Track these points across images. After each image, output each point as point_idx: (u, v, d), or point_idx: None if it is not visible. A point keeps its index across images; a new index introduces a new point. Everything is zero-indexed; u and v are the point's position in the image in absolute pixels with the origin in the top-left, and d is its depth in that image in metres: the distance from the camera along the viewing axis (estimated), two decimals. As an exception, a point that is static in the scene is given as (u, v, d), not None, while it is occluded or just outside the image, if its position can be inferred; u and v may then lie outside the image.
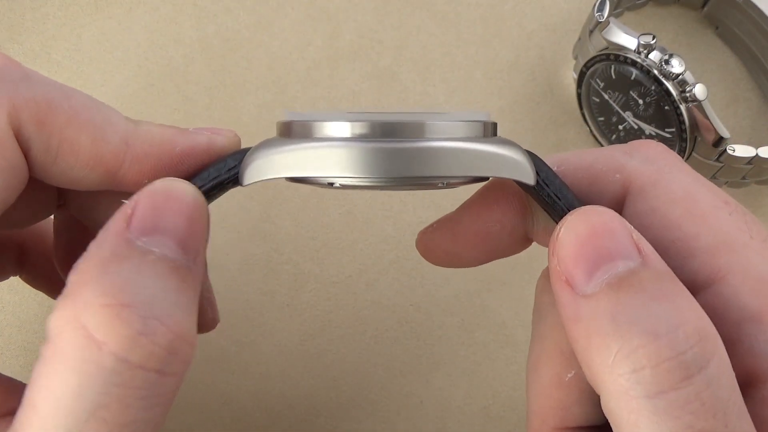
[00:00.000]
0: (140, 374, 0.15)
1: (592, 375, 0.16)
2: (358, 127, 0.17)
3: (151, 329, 0.15)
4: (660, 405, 0.15)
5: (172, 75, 0.37)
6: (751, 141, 0.35)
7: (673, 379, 0.15)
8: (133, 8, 0.38)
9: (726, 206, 0.18)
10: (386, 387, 0.33)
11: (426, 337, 0.34)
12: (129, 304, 0.15)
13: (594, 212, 0.17)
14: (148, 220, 0.17)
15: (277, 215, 0.35)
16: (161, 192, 0.17)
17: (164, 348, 0.15)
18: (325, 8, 0.38)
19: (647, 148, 0.20)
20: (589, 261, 0.16)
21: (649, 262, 0.16)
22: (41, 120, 0.18)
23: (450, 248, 0.22)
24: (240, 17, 0.38)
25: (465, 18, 0.38)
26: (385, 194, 0.35)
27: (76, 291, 0.16)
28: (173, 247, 0.16)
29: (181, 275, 0.16)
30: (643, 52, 0.31)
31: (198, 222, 0.17)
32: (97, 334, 0.15)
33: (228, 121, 0.36)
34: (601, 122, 0.35)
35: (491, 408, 0.33)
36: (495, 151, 0.17)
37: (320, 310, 0.34)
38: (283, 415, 0.33)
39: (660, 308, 0.16)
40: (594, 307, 0.16)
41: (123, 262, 0.16)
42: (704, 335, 0.15)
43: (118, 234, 0.16)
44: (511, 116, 0.37)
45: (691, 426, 0.15)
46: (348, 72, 0.37)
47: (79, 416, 0.15)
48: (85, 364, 0.15)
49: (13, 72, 0.19)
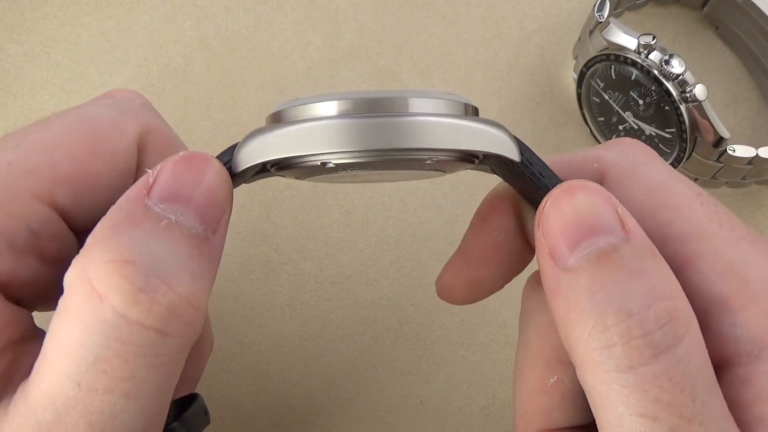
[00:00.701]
0: (138, 330, 0.15)
1: (569, 347, 0.17)
2: (343, 104, 0.17)
3: (151, 286, 0.15)
4: (629, 379, 0.16)
5: (172, 75, 0.37)
6: (751, 141, 0.35)
7: (642, 355, 0.16)
8: (133, 8, 0.38)
9: (698, 197, 0.19)
10: (386, 387, 0.33)
11: (426, 337, 0.34)
12: (132, 261, 0.15)
13: (580, 186, 0.17)
14: (167, 187, 0.17)
15: (277, 215, 0.35)
16: (183, 161, 0.17)
17: (164, 307, 0.16)
18: (325, 8, 0.38)
19: (624, 143, 0.20)
20: (573, 234, 0.17)
21: (632, 237, 0.17)
22: (160, 148, 0.21)
23: (468, 276, 0.22)
24: (240, 17, 0.38)
25: (465, 18, 0.38)
26: (385, 194, 0.35)
27: (86, 249, 0.16)
28: (190, 215, 0.17)
29: (194, 243, 0.17)
30: (643, 52, 0.31)
31: (218, 193, 0.17)
32: (99, 287, 0.15)
33: (228, 121, 0.36)
34: (601, 122, 0.35)
35: (491, 408, 0.33)
36: (481, 127, 0.18)
37: (320, 310, 0.34)
38: (283, 415, 0.33)
39: (635, 287, 0.16)
40: (573, 281, 0.17)
41: (136, 224, 0.16)
42: (674, 315, 0.16)
43: (136, 199, 0.17)
44: (511, 116, 0.37)
45: (657, 399, 0.16)
46: (348, 72, 0.37)
47: (81, 366, 0.15)
48: (87, 316, 0.15)
49: (146, 102, 0.22)
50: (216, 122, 0.36)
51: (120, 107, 0.21)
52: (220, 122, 0.36)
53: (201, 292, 0.16)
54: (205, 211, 0.17)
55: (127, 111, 0.21)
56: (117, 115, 0.21)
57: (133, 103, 0.22)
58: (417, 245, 0.35)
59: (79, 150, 0.19)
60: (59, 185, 0.19)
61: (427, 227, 0.35)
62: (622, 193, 0.19)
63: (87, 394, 0.15)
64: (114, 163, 0.20)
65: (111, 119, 0.20)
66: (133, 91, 0.23)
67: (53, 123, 0.20)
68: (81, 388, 0.15)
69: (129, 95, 0.23)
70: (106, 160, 0.20)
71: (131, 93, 0.23)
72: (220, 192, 0.17)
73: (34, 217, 0.18)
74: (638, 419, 0.16)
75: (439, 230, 0.35)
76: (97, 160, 0.19)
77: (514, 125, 0.36)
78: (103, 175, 0.20)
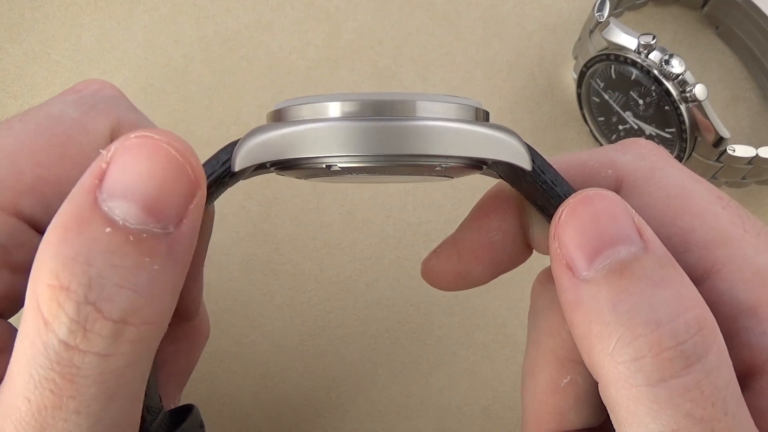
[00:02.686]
0: (78, 355, 0.15)
1: (591, 361, 0.16)
2: (350, 105, 0.16)
3: (82, 317, 0.15)
4: (660, 393, 0.15)
5: (172, 75, 0.37)
6: (751, 141, 0.35)
7: (674, 367, 0.15)
8: (133, 8, 0.38)
9: (719, 201, 0.19)
10: (386, 387, 0.33)
11: (426, 337, 0.34)
12: (66, 287, 0.15)
13: (597, 195, 0.17)
14: (117, 181, 0.15)
15: (277, 215, 0.35)
16: (133, 147, 0.15)
17: (97, 334, 0.15)
18: (325, 8, 0.38)
19: (639, 145, 0.20)
20: (591, 245, 0.16)
21: (650, 247, 0.16)
22: None
23: (456, 268, 0.21)
24: (240, 17, 0.38)
25: (465, 18, 0.38)
26: (385, 194, 0.35)
27: (38, 256, 0.15)
28: (139, 215, 0.15)
29: (144, 248, 0.15)
30: (643, 52, 0.31)
31: (176, 182, 0.15)
32: (43, 311, 0.15)
33: (228, 121, 0.36)
34: (601, 122, 0.35)
35: (491, 408, 0.33)
36: (493, 134, 0.17)
37: (320, 310, 0.34)
38: (283, 415, 0.33)
39: (661, 296, 0.16)
40: (595, 293, 0.16)
41: (82, 228, 0.15)
42: (704, 324, 0.16)
43: (87, 192, 0.15)
44: (511, 116, 0.37)
45: (690, 414, 0.15)
46: (348, 72, 0.37)
47: (29, 384, 0.15)
48: (33, 336, 0.15)
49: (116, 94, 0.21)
50: (216, 122, 0.36)
51: (87, 103, 0.20)
52: (220, 122, 0.36)
53: (147, 305, 0.15)
54: (160, 207, 0.15)
55: (95, 106, 0.20)
56: (84, 113, 0.19)
57: (101, 96, 0.21)
58: (417, 245, 0.35)
59: (45, 156, 0.18)
60: (25, 195, 0.18)
61: (427, 227, 0.35)
62: (641, 199, 0.19)
63: (37, 410, 0.15)
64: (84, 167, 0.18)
65: (77, 118, 0.19)
66: (101, 81, 0.22)
67: (15, 127, 0.19)
68: (31, 404, 0.15)
69: (96, 87, 0.22)
70: (75, 164, 0.19)
71: (99, 84, 0.22)
72: (178, 181, 0.15)
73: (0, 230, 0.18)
74: None
75: (439, 230, 0.35)
76: (64, 165, 0.18)
77: (514, 125, 0.36)
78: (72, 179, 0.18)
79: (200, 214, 0.16)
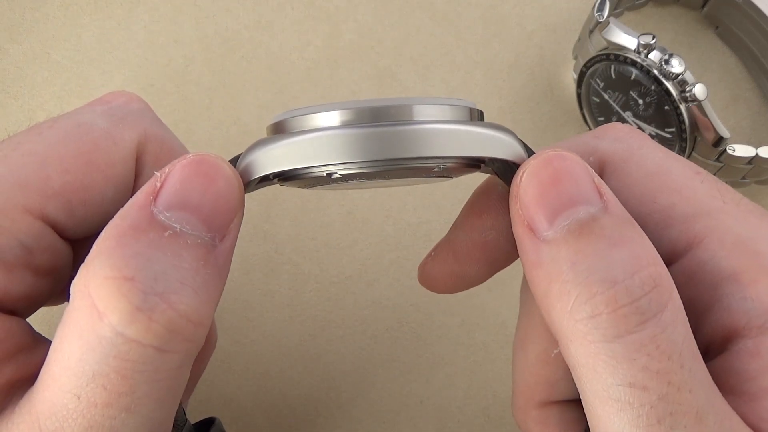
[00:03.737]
0: (137, 348, 0.15)
1: (550, 319, 0.17)
2: (347, 114, 0.17)
3: (150, 305, 0.15)
4: (617, 348, 0.15)
5: (172, 75, 0.37)
6: (751, 141, 0.35)
7: (629, 323, 0.15)
8: (133, 8, 0.38)
9: (697, 176, 0.19)
10: (386, 387, 0.33)
11: (426, 337, 0.34)
12: (131, 278, 0.15)
13: (556, 156, 0.17)
14: (174, 193, 0.16)
15: (277, 215, 0.35)
16: (191, 165, 0.17)
17: (163, 325, 0.15)
18: (325, 8, 0.38)
19: (615, 129, 0.20)
20: (551, 206, 0.17)
21: (609, 207, 0.17)
22: (159, 156, 0.20)
23: (453, 270, 0.22)
24: (240, 17, 0.38)
25: (465, 18, 0.38)
26: (385, 194, 0.35)
27: (90, 260, 0.16)
28: (196, 223, 0.16)
29: (200, 254, 0.16)
30: (643, 52, 0.31)
31: (227, 200, 0.17)
32: (99, 304, 0.15)
33: (228, 122, 0.36)
34: (601, 122, 0.35)
35: (491, 408, 0.33)
36: (489, 132, 0.17)
37: (320, 310, 0.34)
38: (283, 415, 0.33)
39: (618, 255, 0.16)
40: (555, 253, 0.16)
41: (140, 235, 0.16)
42: (659, 281, 0.16)
43: (142, 207, 0.16)
44: (511, 116, 0.37)
45: (646, 367, 0.15)
46: (348, 72, 0.37)
47: (80, 380, 0.15)
48: (86, 331, 0.15)
49: (144, 107, 0.22)
50: (216, 122, 0.36)
51: (116, 114, 0.21)
52: (220, 122, 0.36)
53: (204, 306, 0.16)
54: (212, 218, 0.17)
55: (124, 118, 0.21)
56: (112, 124, 0.20)
57: (129, 108, 0.22)
58: (417, 245, 0.35)
59: (73, 163, 0.19)
60: (51, 199, 0.18)
61: (427, 227, 0.35)
62: (621, 179, 0.19)
63: (87, 407, 0.15)
64: (109, 176, 0.19)
65: (106, 129, 0.20)
66: (129, 94, 0.23)
67: (45, 133, 0.19)
68: (81, 401, 0.15)
69: (125, 99, 0.22)
70: (101, 173, 0.19)
71: (127, 97, 0.22)
72: (229, 198, 0.17)
73: (25, 232, 0.18)
74: (627, 389, 0.15)
75: (439, 230, 0.35)
76: (91, 173, 0.19)
77: (514, 125, 0.36)
78: (98, 187, 0.19)
79: (238, 232, 0.17)
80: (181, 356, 0.16)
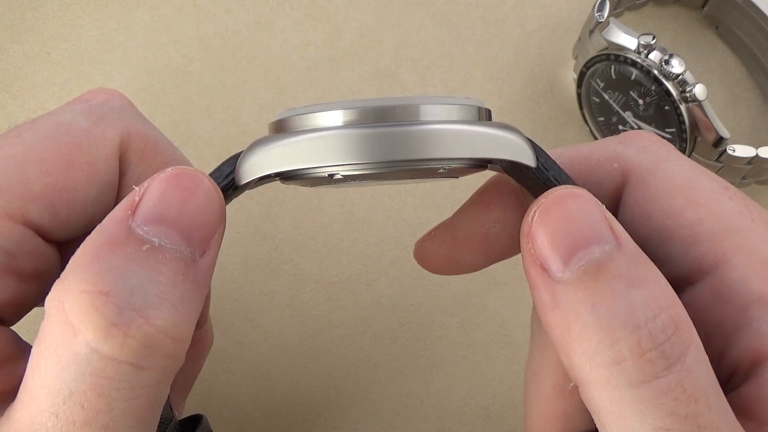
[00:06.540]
0: (112, 365, 0.15)
1: (570, 363, 0.16)
2: (351, 113, 0.16)
3: (125, 320, 0.15)
4: (643, 394, 0.15)
5: (172, 75, 0.37)
6: (751, 141, 0.35)
7: (655, 368, 0.15)
8: (133, 8, 0.38)
9: (726, 191, 0.18)
10: (386, 387, 0.33)
11: (426, 337, 0.34)
12: (106, 292, 0.15)
13: (569, 195, 0.17)
14: (152, 207, 0.16)
15: (277, 215, 0.35)
16: (170, 179, 0.16)
17: (139, 341, 0.15)
18: (325, 8, 0.38)
19: (641, 138, 0.20)
20: (566, 246, 0.16)
21: (623, 244, 0.16)
22: (144, 153, 0.20)
23: (450, 254, 0.21)
24: (240, 17, 0.38)
25: (465, 18, 0.38)
26: (385, 194, 0.35)
27: (65, 274, 0.15)
28: (175, 237, 0.16)
29: (179, 268, 0.16)
30: (643, 52, 0.31)
31: (206, 214, 0.16)
32: (73, 320, 0.15)
33: (228, 122, 0.36)
34: (601, 122, 0.35)
35: (491, 408, 0.33)
36: (496, 133, 0.17)
37: (320, 310, 0.34)
38: (283, 415, 0.33)
39: (637, 296, 0.16)
40: (572, 295, 0.16)
41: (117, 249, 0.15)
42: (680, 323, 0.16)
43: (119, 221, 0.16)
44: (511, 116, 0.37)
45: (674, 412, 0.15)
46: (348, 72, 0.37)
47: (57, 398, 0.15)
48: (61, 348, 0.15)
49: (125, 104, 0.21)
50: (216, 122, 0.36)
51: (96, 113, 0.20)
52: (220, 122, 0.36)
53: (183, 322, 0.16)
54: (191, 232, 0.16)
55: (104, 116, 0.20)
56: (93, 123, 0.20)
57: (110, 105, 0.21)
58: (417, 245, 0.35)
59: (53, 165, 0.18)
60: (33, 202, 0.18)
61: (427, 227, 0.35)
62: (647, 192, 0.19)
63: (65, 426, 0.15)
64: (92, 176, 0.19)
65: (86, 128, 0.19)
66: (109, 91, 0.22)
67: (24, 135, 0.19)
68: (59, 420, 0.15)
69: (105, 97, 0.22)
70: (83, 173, 0.19)
71: (108, 94, 0.22)
72: (208, 213, 0.16)
73: (7, 237, 0.18)
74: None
75: (439, 230, 0.35)
76: (73, 174, 0.19)
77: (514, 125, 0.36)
78: (81, 188, 0.19)
79: (218, 248, 0.17)
80: (160, 373, 0.16)
